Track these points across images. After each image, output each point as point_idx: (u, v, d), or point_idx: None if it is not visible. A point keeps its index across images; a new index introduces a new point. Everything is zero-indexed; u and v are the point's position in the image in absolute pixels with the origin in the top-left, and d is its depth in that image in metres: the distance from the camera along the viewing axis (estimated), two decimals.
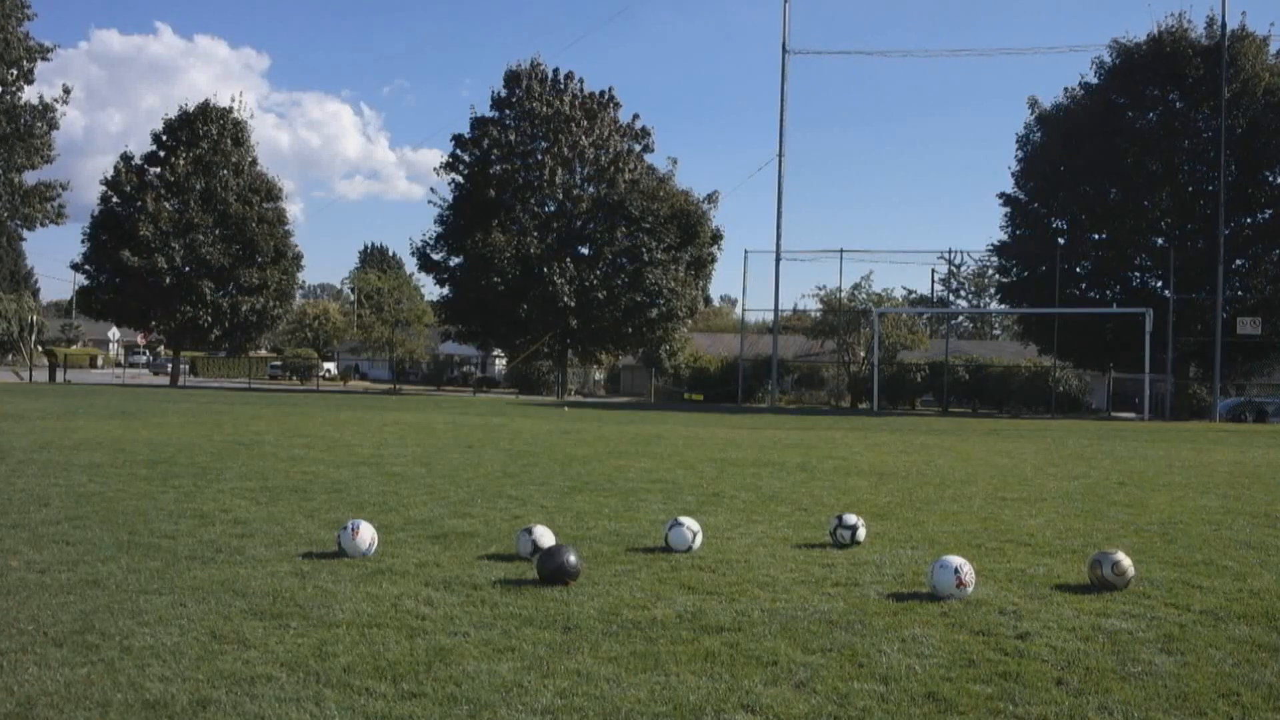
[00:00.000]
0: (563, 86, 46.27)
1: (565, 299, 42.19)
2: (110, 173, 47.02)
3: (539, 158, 44.67)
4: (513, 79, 45.95)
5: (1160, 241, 41.92)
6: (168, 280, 44.75)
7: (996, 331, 79.62)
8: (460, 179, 45.88)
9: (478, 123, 45.94)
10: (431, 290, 56.13)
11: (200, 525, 6.82)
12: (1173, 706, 3.60)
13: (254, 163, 49.20)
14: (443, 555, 6.01)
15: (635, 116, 47.34)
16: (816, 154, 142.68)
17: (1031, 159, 43.59)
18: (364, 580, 5.30)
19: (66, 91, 41.60)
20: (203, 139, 47.01)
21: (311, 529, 6.81)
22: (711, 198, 46.35)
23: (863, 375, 47.20)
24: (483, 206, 43.81)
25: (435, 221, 46.29)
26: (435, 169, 47.41)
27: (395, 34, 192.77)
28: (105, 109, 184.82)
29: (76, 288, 52.34)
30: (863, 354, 49.90)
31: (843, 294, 49.93)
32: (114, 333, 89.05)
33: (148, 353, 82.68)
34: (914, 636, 4.42)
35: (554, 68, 46.56)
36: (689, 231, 44.69)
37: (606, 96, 46.64)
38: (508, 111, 45.80)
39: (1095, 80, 42.75)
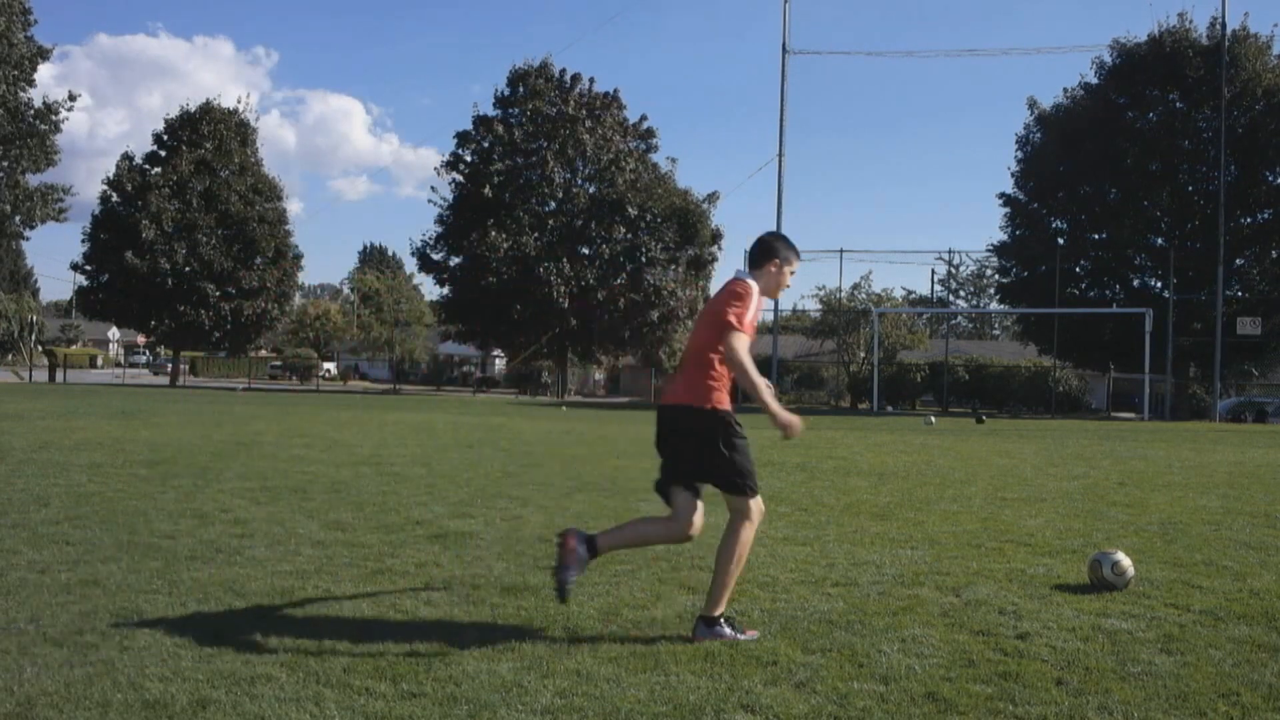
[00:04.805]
0: (569, 87, 46.27)
1: (563, 300, 42.18)
2: (112, 172, 47.01)
3: (541, 156, 44.67)
4: (518, 78, 45.93)
5: (1160, 241, 41.95)
6: (169, 282, 44.70)
7: (996, 331, 79.67)
8: (461, 178, 45.86)
9: (480, 121, 45.92)
10: (431, 290, 56.22)
11: (200, 525, 6.82)
12: (1173, 706, 3.60)
13: (258, 163, 49.12)
14: (443, 555, 6.01)
15: (643, 117, 47.38)
16: (816, 154, 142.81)
17: (1031, 159, 43.62)
18: (364, 580, 5.30)
19: (72, 98, 41.49)
20: (206, 139, 46.94)
21: (312, 529, 6.81)
22: (711, 198, 46.36)
23: (863, 375, 47.21)
24: (482, 206, 43.82)
25: (435, 221, 46.28)
26: (436, 168, 47.45)
27: (403, 34, 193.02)
28: (108, 109, 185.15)
29: (76, 288, 52.34)
30: (862, 354, 49.92)
31: (843, 294, 49.96)
32: (114, 333, 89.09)
33: (147, 353, 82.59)
34: (914, 636, 4.41)
35: (561, 68, 46.65)
36: (688, 231, 44.69)
37: (610, 97, 46.66)
38: (512, 110, 45.78)
39: (1095, 80, 42.78)
